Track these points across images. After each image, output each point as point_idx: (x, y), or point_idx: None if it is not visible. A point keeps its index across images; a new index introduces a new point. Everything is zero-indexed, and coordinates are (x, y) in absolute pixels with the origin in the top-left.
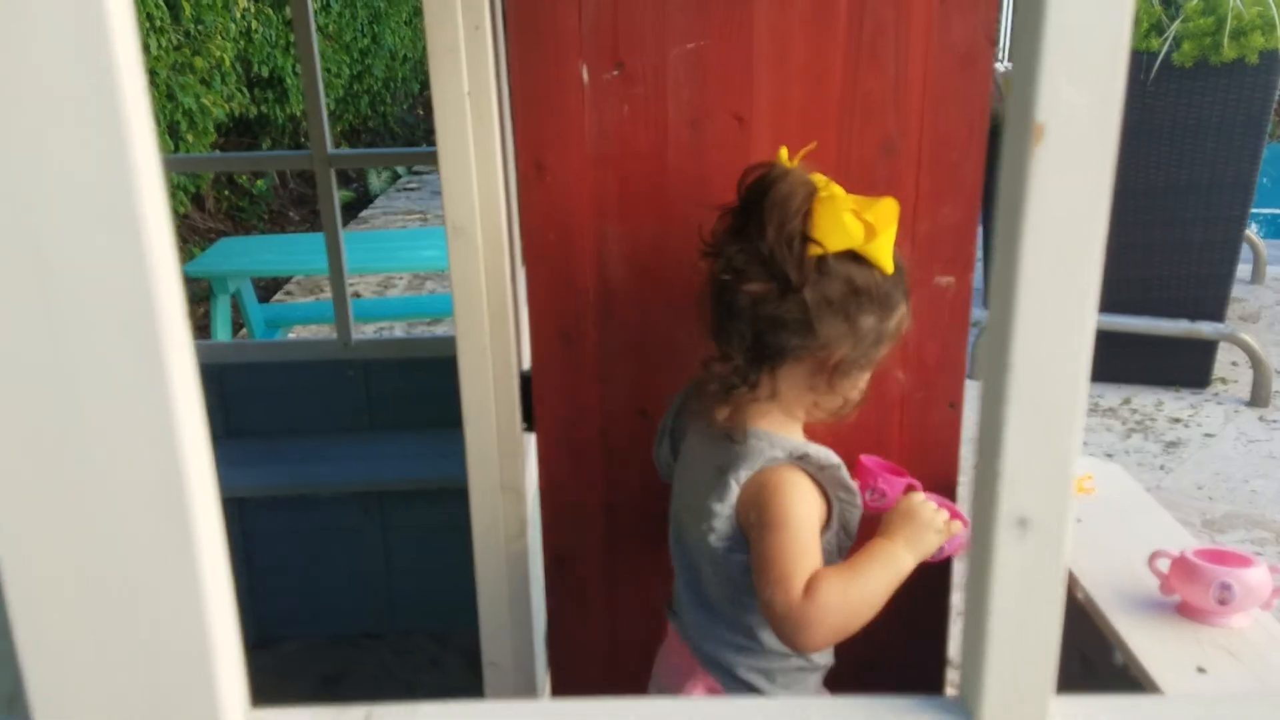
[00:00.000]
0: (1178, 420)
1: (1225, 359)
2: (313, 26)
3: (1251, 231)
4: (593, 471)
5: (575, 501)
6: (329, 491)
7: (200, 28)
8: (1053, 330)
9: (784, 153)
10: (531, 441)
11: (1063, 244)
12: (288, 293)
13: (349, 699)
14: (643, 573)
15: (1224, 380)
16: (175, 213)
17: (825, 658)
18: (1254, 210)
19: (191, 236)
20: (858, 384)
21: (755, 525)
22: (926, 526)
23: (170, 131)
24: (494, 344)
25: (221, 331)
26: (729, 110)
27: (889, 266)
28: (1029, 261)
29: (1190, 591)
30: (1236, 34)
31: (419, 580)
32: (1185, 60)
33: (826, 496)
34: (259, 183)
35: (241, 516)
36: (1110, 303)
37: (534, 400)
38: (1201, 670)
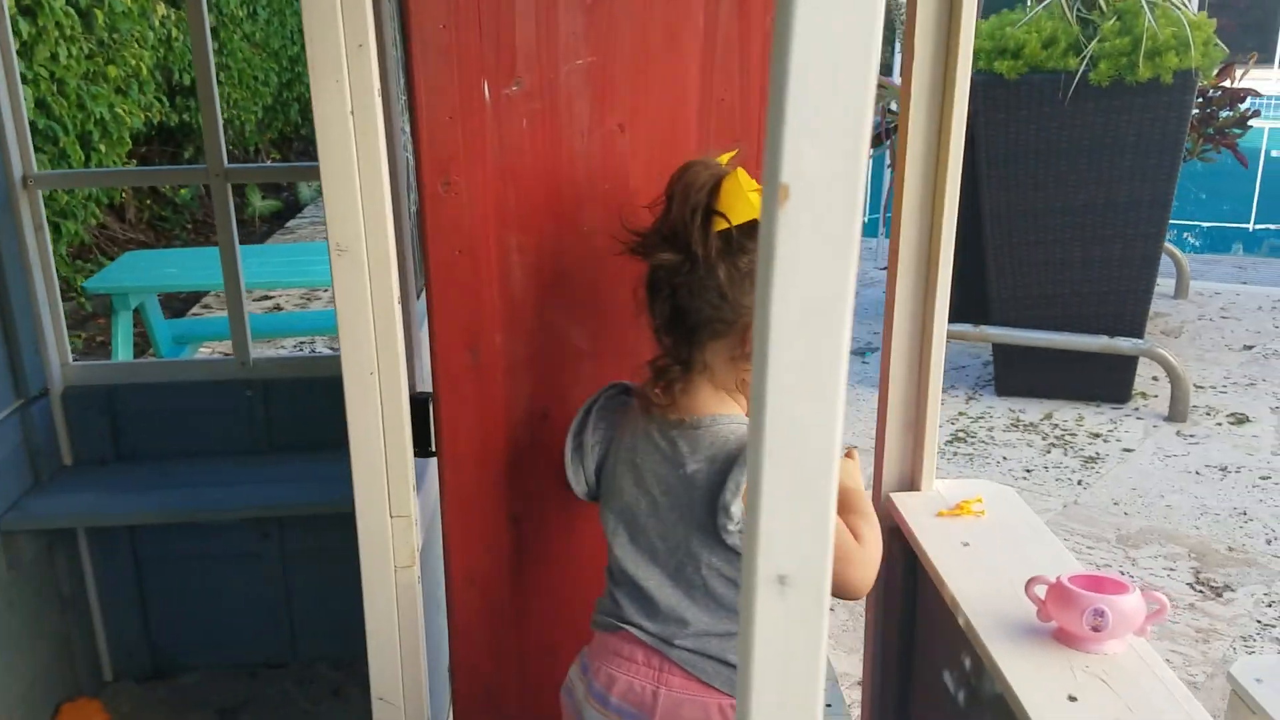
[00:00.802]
0: (1097, 435)
1: (1147, 374)
2: (208, 34)
3: (1174, 247)
4: (499, 485)
5: (482, 519)
6: (226, 517)
7: (115, 36)
8: (804, 390)
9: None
10: (432, 465)
11: (809, 304)
12: (205, 306)
13: None
14: (555, 585)
15: (1145, 395)
16: (91, 224)
17: None
18: (1188, 223)
19: (110, 248)
20: None
21: None
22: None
23: (82, 141)
24: (382, 366)
25: (123, 350)
26: (613, 120)
27: None
28: (777, 322)
29: (1065, 618)
30: (1151, 54)
31: (321, 607)
32: (1102, 80)
33: None
34: (182, 192)
35: (135, 543)
36: (1032, 319)
37: (440, 418)
38: (1073, 698)
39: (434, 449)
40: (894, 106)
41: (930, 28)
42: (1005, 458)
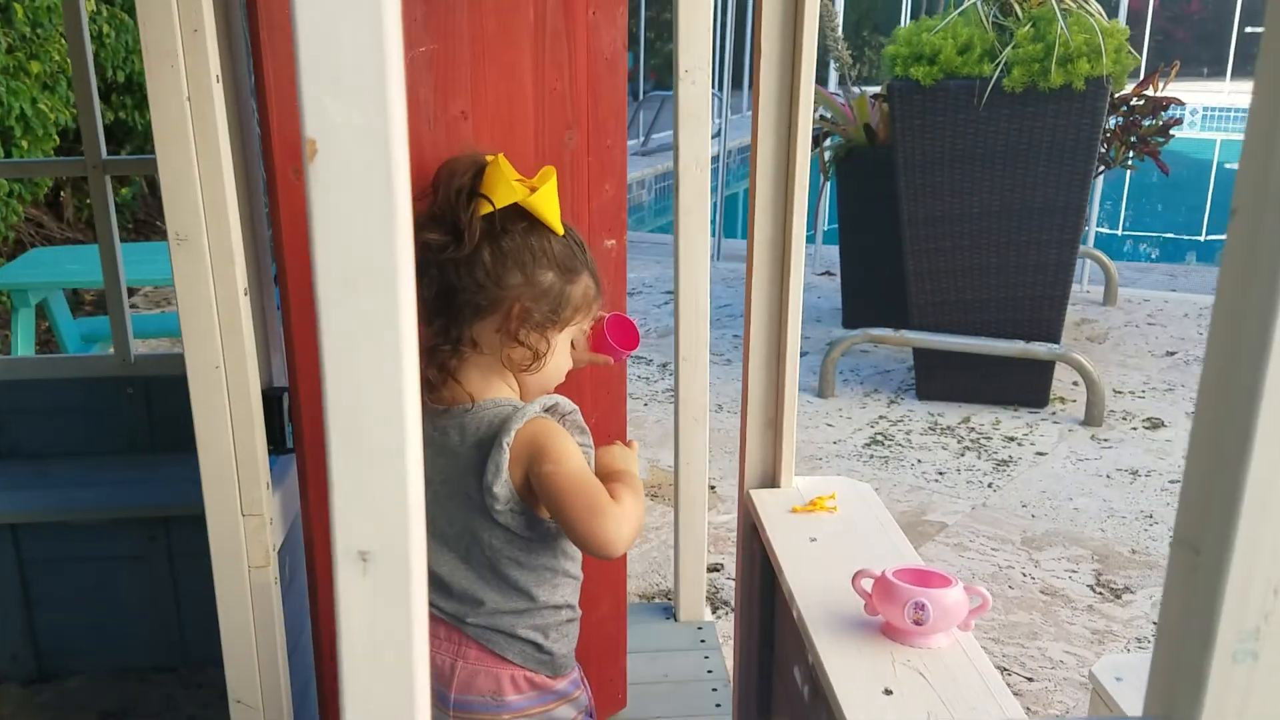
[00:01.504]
0: (1012, 439)
1: (1067, 379)
2: (85, 23)
3: (1103, 254)
4: None
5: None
6: (109, 517)
7: (38, 31)
8: (363, 353)
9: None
10: (290, 460)
11: (354, 263)
12: (133, 305)
13: None
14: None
15: (1063, 400)
16: (14, 221)
17: (578, 611)
18: (1144, 234)
19: (46, 245)
20: (547, 339)
21: (539, 475)
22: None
23: (3, 137)
24: (228, 360)
25: (23, 347)
26: (456, 108)
27: (558, 227)
28: (324, 284)
29: (889, 611)
30: (1064, 60)
31: (211, 610)
32: (1016, 85)
33: None
34: (123, 190)
35: (18, 544)
36: (951, 324)
37: (298, 412)
38: (889, 692)
39: (291, 445)
40: (825, 113)
41: (776, 39)
42: (920, 460)
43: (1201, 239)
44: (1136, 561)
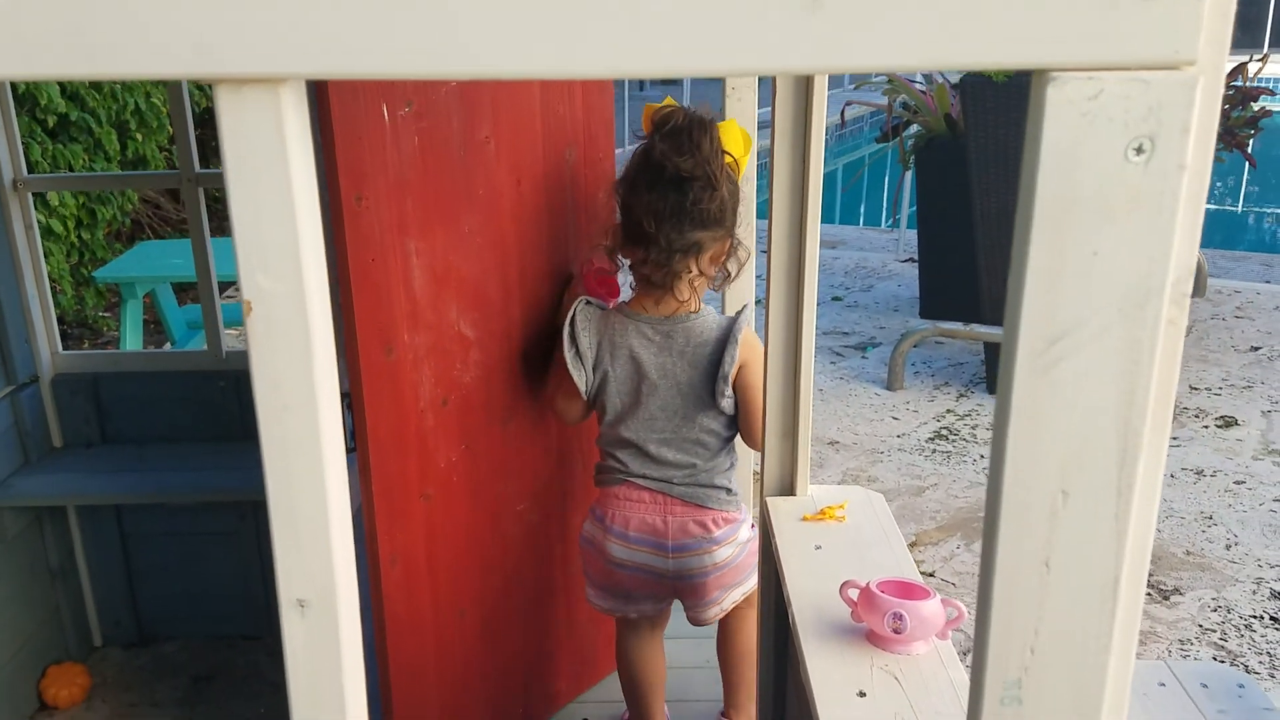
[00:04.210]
0: None
1: None
2: None
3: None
4: (412, 469)
5: (402, 502)
6: (202, 500)
7: None
8: (296, 456)
9: (669, 100)
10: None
11: (284, 397)
12: (230, 296)
13: (217, 698)
14: (460, 554)
15: None
16: (145, 202)
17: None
18: (1242, 209)
19: (162, 229)
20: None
21: (750, 370)
22: None
23: (120, 130)
24: None
25: (130, 338)
26: (481, 133)
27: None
28: (263, 409)
29: (871, 620)
30: None
31: None
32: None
33: None
34: None
35: (121, 521)
36: (998, 317)
37: (362, 414)
38: (863, 694)
39: (353, 445)
40: (908, 102)
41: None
42: (983, 456)
43: None
44: (1189, 563)
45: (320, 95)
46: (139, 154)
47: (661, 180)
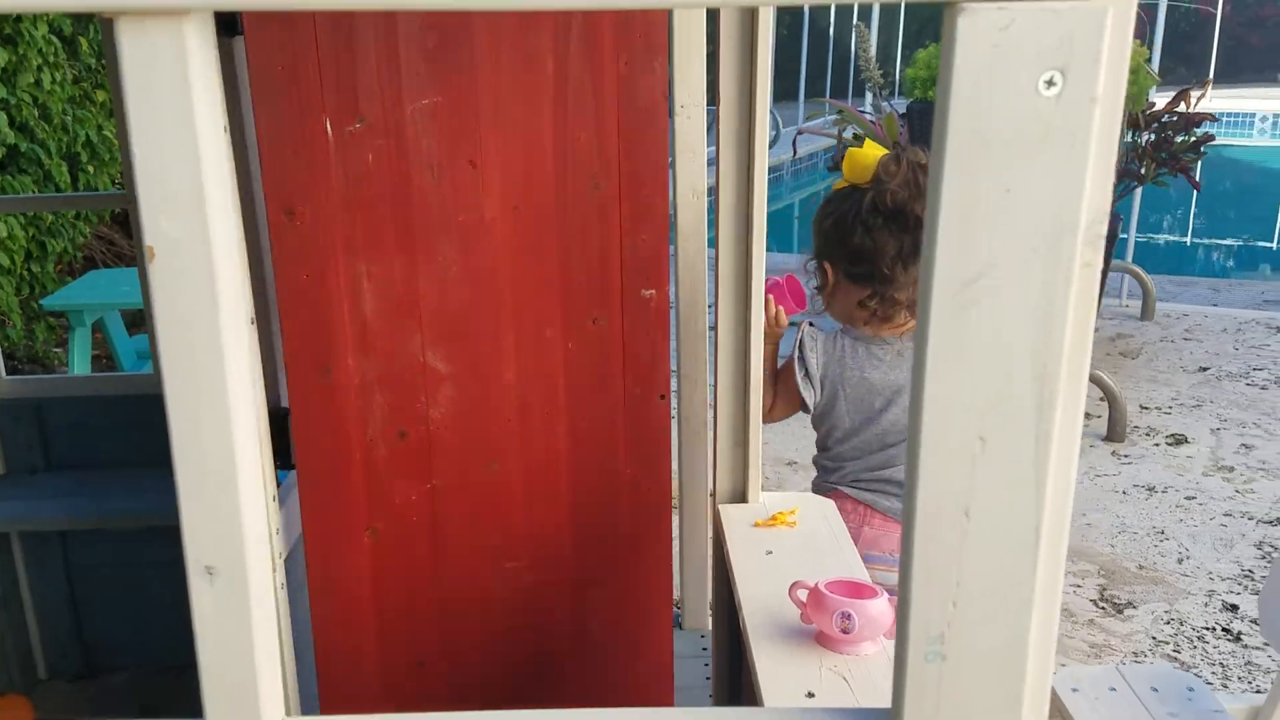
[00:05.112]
0: None
1: (1093, 395)
2: None
3: (1140, 269)
4: (356, 499)
5: (339, 531)
6: (148, 523)
7: (102, 62)
8: (201, 410)
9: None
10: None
11: (188, 345)
12: None
13: None
14: (411, 581)
15: (1087, 416)
16: (99, 238)
17: None
18: (1218, 243)
19: (115, 263)
20: None
21: None
22: None
23: (71, 162)
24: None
25: (79, 365)
26: (464, 157)
27: None
28: (167, 359)
29: (820, 620)
30: None
31: None
32: None
33: None
34: None
35: (66, 549)
36: None
37: (299, 432)
38: (810, 694)
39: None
40: (856, 130)
41: (733, 70)
42: None
43: (1274, 247)
44: (1143, 577)
45: (251, 103)
46: (90, 186)
47: (905, 224)
